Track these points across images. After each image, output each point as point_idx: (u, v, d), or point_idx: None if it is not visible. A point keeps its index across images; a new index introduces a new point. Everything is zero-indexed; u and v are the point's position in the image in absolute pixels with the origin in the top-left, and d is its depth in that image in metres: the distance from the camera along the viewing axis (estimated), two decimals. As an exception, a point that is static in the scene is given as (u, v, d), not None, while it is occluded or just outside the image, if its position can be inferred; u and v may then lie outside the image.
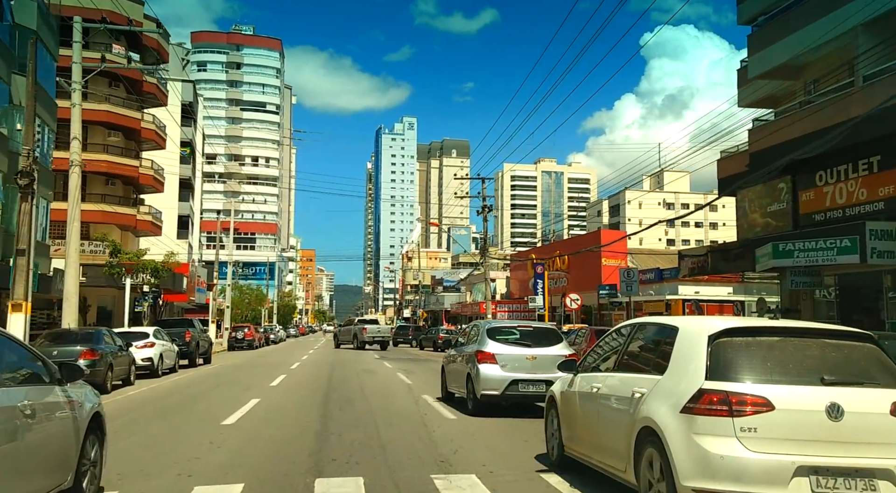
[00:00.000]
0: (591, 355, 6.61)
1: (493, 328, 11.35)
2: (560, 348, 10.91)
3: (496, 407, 10.82)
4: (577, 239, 54.04)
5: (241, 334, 39.18)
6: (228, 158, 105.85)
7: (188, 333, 21.85)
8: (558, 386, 6.98)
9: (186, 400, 13.28)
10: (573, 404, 6.35)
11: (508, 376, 10.49)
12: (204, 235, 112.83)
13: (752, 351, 4.64)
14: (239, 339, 39.07)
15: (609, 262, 40.87)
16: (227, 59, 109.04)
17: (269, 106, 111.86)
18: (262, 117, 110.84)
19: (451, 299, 73.78)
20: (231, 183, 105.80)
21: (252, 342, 39.50)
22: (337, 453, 7.46)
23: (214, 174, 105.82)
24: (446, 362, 13.04)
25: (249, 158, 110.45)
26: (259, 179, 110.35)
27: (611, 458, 5.44)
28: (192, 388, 15.68)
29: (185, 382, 17.34)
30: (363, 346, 38.48)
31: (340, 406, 12.05)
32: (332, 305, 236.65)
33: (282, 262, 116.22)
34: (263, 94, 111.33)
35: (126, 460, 6.98)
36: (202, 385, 16.39)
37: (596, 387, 5.85)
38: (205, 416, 10.66)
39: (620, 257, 41.32)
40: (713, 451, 4.25)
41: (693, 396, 4.45)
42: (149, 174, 37.25)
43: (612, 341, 6.36)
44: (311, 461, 7.01)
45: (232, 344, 39.14)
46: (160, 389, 15.54)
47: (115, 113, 34.31)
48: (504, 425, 9.85)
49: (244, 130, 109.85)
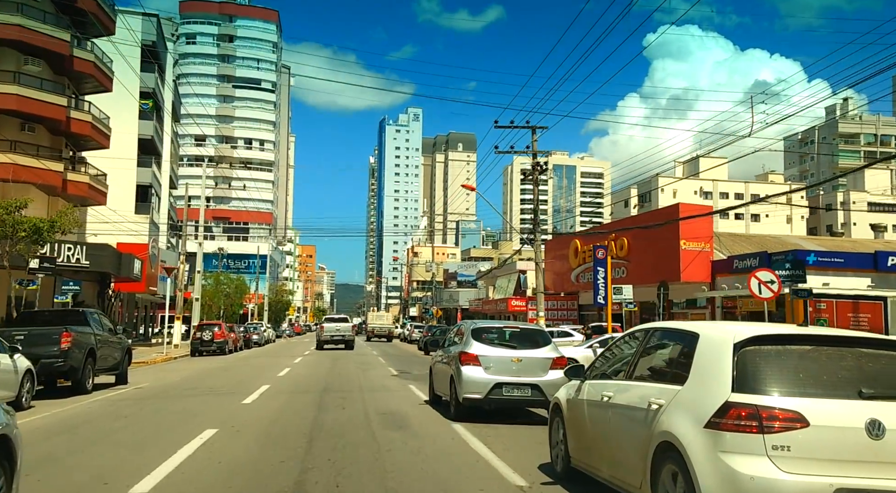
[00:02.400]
0: (600, 361, 6.23)
1: (479, 329, 10.79)
2: (547, 351, 10.35)
3: (479, 411, 10.07)
4: (637, 218, 43.87)
5: (209, 334, 29.76)
6: (219, 140, 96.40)
7: (65, 336, 12.37)
8: (564, 393, 6.55)
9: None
10: (581, 413, 5.97)
11: (492, 379, 9.91)
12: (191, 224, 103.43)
13: (783, 361, 4.30)
14: (206, 341, 29.66)
15: (689, 245, 31.35)
16: (219, 31, 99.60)
17: (265, 83, 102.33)
18: (257, 96, 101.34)
19: (468, 296, 64.30)
20: (222, 167, 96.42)
21: (224, 345, 30.10)
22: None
23: (203, 157, 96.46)
24: (433, 363, 12.43)
25: (242, 141, 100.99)
26: (253, 164, 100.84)
27: (624, 472, 5.10)
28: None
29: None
30: (321, 346, 36.04)
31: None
32: (332, 303, 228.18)
33: (278, 255, 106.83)
34: (258, 70, 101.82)
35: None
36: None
37: (607, 396, 5.47)
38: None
39: (704, 240, 31.79)
40: (742, 471, 3.91)
41: (719, 409, 4.11)
42: (84, 121, 27.83)
43: (623, 347, 6.03)
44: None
45: (196, 347, 29.76)
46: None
47: (32, 31, 24.91)
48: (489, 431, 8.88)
49: (236, 110, 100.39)
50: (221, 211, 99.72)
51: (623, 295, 23.78)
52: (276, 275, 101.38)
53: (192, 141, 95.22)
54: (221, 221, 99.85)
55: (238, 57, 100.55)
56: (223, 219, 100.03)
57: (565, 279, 43.81)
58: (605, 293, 29.75)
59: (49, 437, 8.54)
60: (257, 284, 67.20)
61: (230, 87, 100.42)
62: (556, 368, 10.02)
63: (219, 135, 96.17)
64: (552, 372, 9.98)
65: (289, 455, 7.24)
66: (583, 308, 44.82)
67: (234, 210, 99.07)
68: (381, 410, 11.26)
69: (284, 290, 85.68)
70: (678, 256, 31.16)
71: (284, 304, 77.25)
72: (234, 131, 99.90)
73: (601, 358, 6.27)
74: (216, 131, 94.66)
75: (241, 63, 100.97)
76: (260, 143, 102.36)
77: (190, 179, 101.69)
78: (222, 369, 21.42)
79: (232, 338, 32.09)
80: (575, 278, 41.50)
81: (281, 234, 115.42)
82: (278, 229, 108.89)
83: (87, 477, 6.31)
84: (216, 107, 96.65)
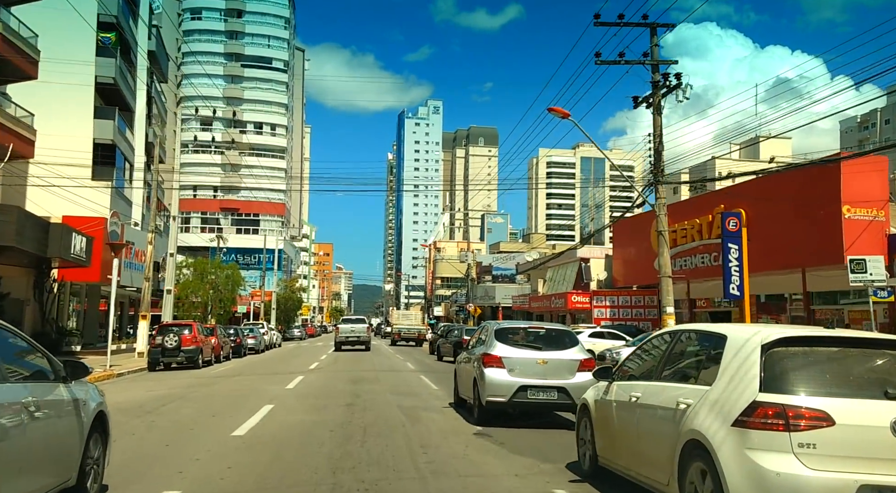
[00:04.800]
0: (628, 363, 6.33)
1: (502, 329, 10.39)
2: (575, 353, 9.93)
3: (504, 415, 9.97)
4: (765, 181, 29.96)
5: (174, 339, 20.91)
6: (227, 124, 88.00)
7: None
8: (592, 394, 6.67)
9: None
10: (609, 413, 6.10)
11: (516, 382, 9.57)
12: (198, 215, 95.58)
13: (810, 362, 4.42)
14: (169, 349, 20.83)
15: (857, 213, 21.98)
16: (227, 5, 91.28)
17: (276, 62, 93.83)
18: (268, 76, 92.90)
19: (506, 292, 55.14)
20: (230, 154, 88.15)
21: (195, 354, 21.25)
22: None
23: (210, 143, 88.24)
24: (458, 364, 12.10)
25: (252, 125, 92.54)
26: (264, 150, 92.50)
27: (652, 470, 5.20)
28: None
29: None
30: (339, 348, 34.74)
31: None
32: (350, 304, 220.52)
33: (292, 251, 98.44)
34: (269, 47, 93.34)
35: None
36: None
37: (635, 396, 5.56)
38: None
39: (876, 205, 22.35)
40: (769, 468, 4.02)
41: (746, 409, 4.22)
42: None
43: (651, 349, 6.13)
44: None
45: (156, 358, 20.99)
46: None
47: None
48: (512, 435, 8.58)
49: (246, 92, 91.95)
50: (230, 202, 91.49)
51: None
52: (291, 272, 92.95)
53: (197, 126, 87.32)
54: (230, 213, 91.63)
55: (247, 33, 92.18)
56: (232, 210, 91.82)
57: (643, 269, 34.57)
58: (741, 281, 20.59)
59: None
60: (263, 279, 58.54)
61: (239, 66, 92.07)
62: (583, 370, 9.60)
63: (226, 118, 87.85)
64: (580, 374, 9.57)
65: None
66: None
67: (244, 200, 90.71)
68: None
69: (296, 286, 76.77)
70: (838, 228, 21.78)
71: (296, 301, 68.41)
72: (243, 115, 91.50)
73: (629, 360, 6.32)
74: (223, 114, 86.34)
75: (251, 40, 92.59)
76: (271, 127, 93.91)
77: (197, 167, 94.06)
78: (162, 400, 12.54)
79: (211, 344, 23.25)
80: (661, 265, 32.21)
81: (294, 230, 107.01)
82: (291, 221, 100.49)
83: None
84: (223, 88, 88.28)
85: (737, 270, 20.71)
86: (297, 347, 43.40)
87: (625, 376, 6.11)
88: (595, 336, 26.35)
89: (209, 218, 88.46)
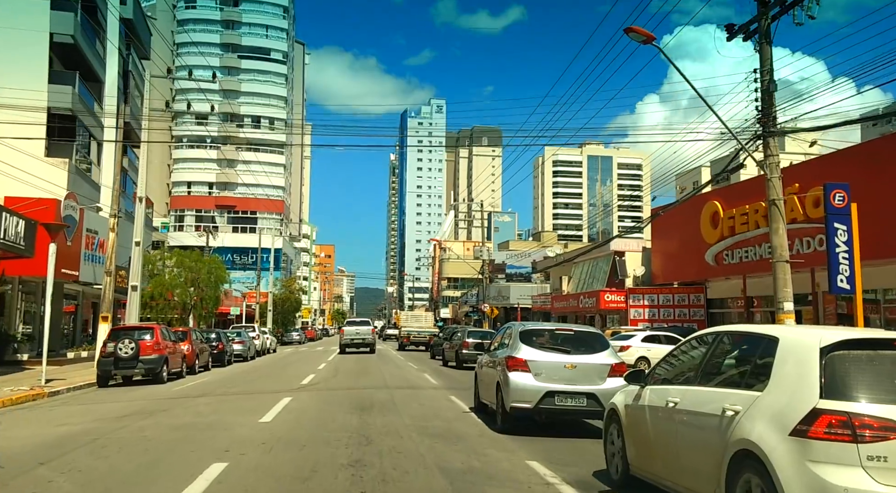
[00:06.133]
0: (662, 367, 5.93)
1: (528, 331, 9.82)
2: (605, 357, 9.29)
3: (529, 422, 9.29)
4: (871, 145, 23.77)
5: (130, 346, 16.42)
6: (222, 119, 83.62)
7: None
8: (621, 398, 6.25)
9: None
10: (642, 420, 5.71)
11: (543, 387, 8.96)
12: (192, 213, 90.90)
13: (875, 367, 4.05)
14: (124, 358, 16.34)
15: None
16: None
17: (275, 53, 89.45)
18: (266, 68, 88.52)
19: (522, 292, 50.64)
20: (226, 149, 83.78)
21: (156, 365, 16.74)
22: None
23: (206, 138, 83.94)
24: (479, 368, 11.63)
25: (249, 119, 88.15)
26: (261, 146, 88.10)
27: (693, 481, 4.86)
28: None
29: None
30: (344, 350, 34.10)
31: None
32: (352, 306, 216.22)
33: (291, 251, 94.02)
34: (267, 38, 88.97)
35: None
36: None
37: (672, 402, 5.19)
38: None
39: None
40: (835, 482, 3.68)
41: (806, 417, 3.89)
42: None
43: (690, 352, 5.73)
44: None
45: (107, 369, 16.51)
46: None
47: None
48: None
49: (243, 84, 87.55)
50: (226, 198, 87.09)
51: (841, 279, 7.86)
52: (290, 273, 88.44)
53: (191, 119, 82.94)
54: (226, 210, 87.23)
55: (244, 23, 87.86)
56: (228, 208, 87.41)
57: (687, 263, 30.10)
58: (851, 271, 16.17)
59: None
60: (258, 279, 54.04)
61: (235, 57, 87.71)
62: (614, 375, 9.00)
63: (222, 113, 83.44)
64: (610, 380, 9.00)
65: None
66: (712, 304, 31.09)
67: (241, 197, 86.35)
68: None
69: (295, 285, 72.13)
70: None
71: (294, 302, 63.78)
72: (240, 108, 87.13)
73: (663, 364, 5.98)
74: (219, 108, 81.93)
75: (248, 30, 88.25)
76: (270, 121, 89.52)
77: (191, 162, 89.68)
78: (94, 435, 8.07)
79: (181, 352, 18.76)
80: (713, 258, 27.69)
81: (295, 228, 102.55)
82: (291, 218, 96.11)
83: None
84: (220, 80, 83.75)
85: (846, 257, 16.19)
86: (295, 352, 38.88)
87: (658, 381, 5.76)
88: (650, 341, 21.79)
89: (204, 216, 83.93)
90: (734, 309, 29.38)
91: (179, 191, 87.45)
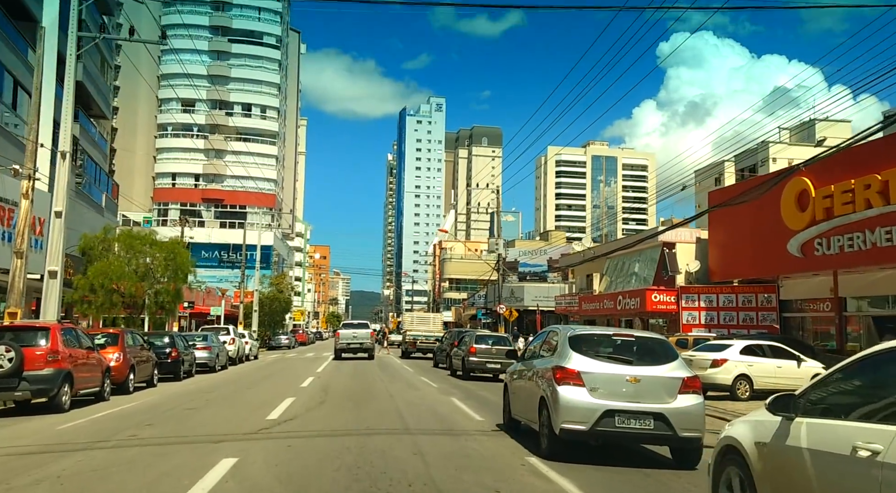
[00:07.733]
0: (822, 390, 4.15)
1: (579, 336, 8.10)
2: (674, 369, 7.67)
3: (582, 448, 7.58)
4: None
5: (11, 357, 10.83)
6: (211, 106, 77.90)
7: None
8: (744, 431, 4.53)
9: None
10: (798, 468, 3.94)
11: (601, 405, 7.31)
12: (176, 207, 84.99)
13: None
14: (8, 373, 10.72)
15: None
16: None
17: (268, 37, 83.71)
18: (258, 52, 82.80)
19: (537, 292, 45.03)
20: (215, 138, 78.04)
21: (51, 385, 11.04)
22: None
23: (193, 127, 78.17)
24: (510, 379, 9.86)
25: (240, 107, 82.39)
26: (252, 135, 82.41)
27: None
28: None
29: None
30: (339, 356, 31.40)
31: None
32: (348, 310, 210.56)
33: (284, 250, 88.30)
34: (259, 20, 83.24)
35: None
36: None
37: (867, 449, 3.40)
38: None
39: None
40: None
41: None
42: None
43: (870, 374, 3.89)
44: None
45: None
46: None
47: None
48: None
49: (233, 69, 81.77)
50: (213, 191, 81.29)
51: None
52: (282, 272, 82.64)
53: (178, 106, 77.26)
54: (212, 204, 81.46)
55: (235, 4, 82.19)
56: (215, 201, 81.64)
57: (756, 257, 24.53)
58: None
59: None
60: (243, 276, 48.34)
61: (225, 41, 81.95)
62: (687, 391, 7.46)
63: (211, 99, 77.75)
64: (682, 397, 7.41)
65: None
66: (786, 306, 25.55)
67: (229, 190, 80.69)
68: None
69: (285, 283, 66.29)
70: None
71: (284, 302, 58.03)
72: (229, 95, 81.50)
73: (823, 388, 4.21)
74: (208, 95, 76.23)
75: (239, 12, 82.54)
76: (261, 109, 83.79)
77: (176, 152, 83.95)
78: None
79: (101, 365, 13.11)
80: (799, 248, 22.08)
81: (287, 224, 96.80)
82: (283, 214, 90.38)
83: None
84: (208, 65, 78.10)
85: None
86: (280, 359, 33.15)
87: (820, 412, 4.05)
88: (748, 352, 16.15)
89: (189, 210, 77.98)
90: (820, 313, 23.85)
91: (163, 183, 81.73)
